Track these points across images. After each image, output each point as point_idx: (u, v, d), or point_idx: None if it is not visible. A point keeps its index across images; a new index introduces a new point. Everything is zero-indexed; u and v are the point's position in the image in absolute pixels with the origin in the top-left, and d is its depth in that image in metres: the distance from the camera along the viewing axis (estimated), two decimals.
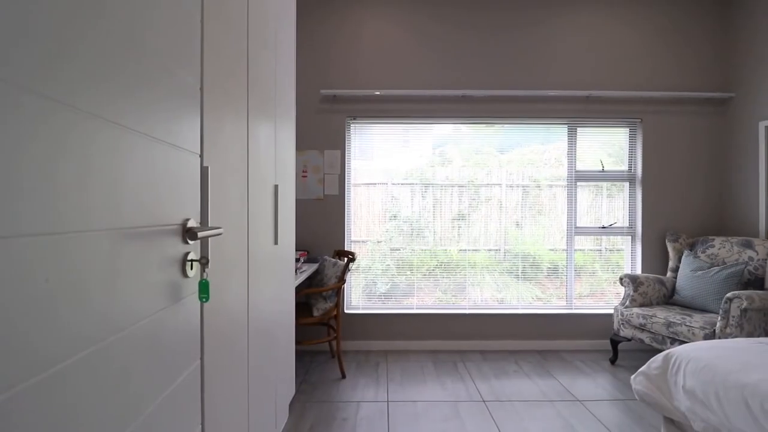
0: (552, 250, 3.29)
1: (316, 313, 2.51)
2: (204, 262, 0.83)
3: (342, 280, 2.54)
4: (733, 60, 3.16)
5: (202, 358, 1.06)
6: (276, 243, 1.73)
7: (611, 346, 2.87)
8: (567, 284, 3.25)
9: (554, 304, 3.27)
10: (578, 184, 3.26)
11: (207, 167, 1.07)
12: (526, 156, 3.30)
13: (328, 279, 2.62)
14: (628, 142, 3.26)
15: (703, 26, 3.20)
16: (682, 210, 3.19)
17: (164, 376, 0.76)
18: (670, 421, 1.43)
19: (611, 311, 3.11)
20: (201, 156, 1.05)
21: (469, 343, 3.16)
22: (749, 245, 2.67)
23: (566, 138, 3.24)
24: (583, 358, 2.96)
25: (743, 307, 2.23)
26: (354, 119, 3.18)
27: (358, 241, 3.26)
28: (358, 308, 3.21)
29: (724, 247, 2.79)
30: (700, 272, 2.68)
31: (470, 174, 3.28)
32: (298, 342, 2.48)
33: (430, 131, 3.27)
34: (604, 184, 3.29)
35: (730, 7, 3.19)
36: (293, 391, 2.08)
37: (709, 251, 2.84)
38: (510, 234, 3.29)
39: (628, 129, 3.25)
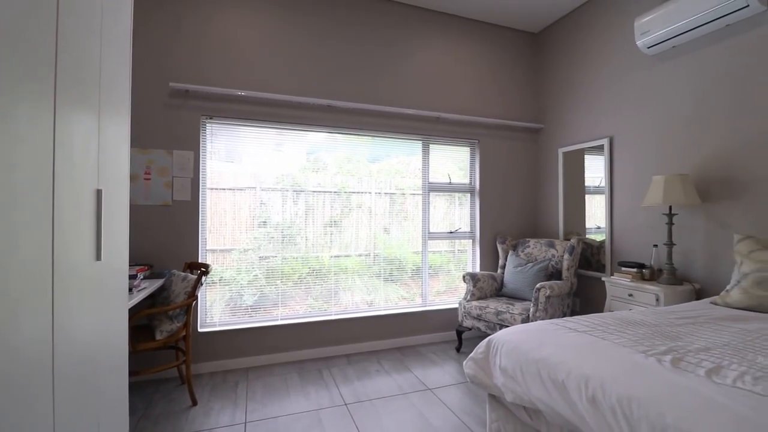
0: (415, 252, 3.60)
1: (159, 336, 2.20)
2: None
3: (193, 296, 2.29)
4: (542, 98, 3.99)
5: None
6: (99, 259, 1.45)
7: (457, 336, 3.28)
8: (422, 284, 3.59)
9: (416, 303, 3.57)
10: (431, 194, 3.64)
11: None
12: (393, 166, 3.54)
13: (175, 296, 2.33)
14: (469, 159, 3.80)
15: (524, 69, 3.96)
16: (508, 217, 3.86)
17: None
18: (492, 396, 1.70)
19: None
20: None
21: (335, 348, 3.20)
22: (552, 245, 3.39)
23: (421, 152, 3.60)
24: (435, 350, 3.30)
25: (547, 294, 2.81)
26: (210, 118, 2.92)
27: (221, 251, 2.99)
28: (215, 325, 2.93)
29: (536, 247, 3.47)
30: (519, 268, 3.27)
31: (342, 181, 3.35)
32: (135, 372, 2.14)
33: (302, 137, 3.22)
34: (456, 194, 3.75)
35: (543, 57, 4.01)
36: (127, 431, 1.77)
37: (526, 250, 3.50)
38: (379, 239, 3.47)
39: (469, 148, 3.79)
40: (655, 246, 2.77)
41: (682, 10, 2.50)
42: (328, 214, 3.32)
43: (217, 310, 2.97)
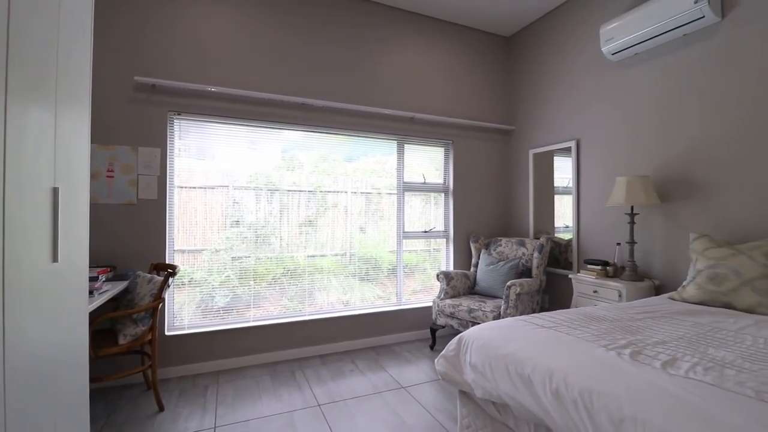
0: (391, 252, 3.61)
1: (122, 341, 2.11)
2: None
3: (159, 298, 2.21)
4: (513, 101, 4.08)
5: None
6: (55, 260, 1.38)
7: (431, 334, 3.32)
8: (397, 283, 3.61)
9: (392, 302, 3.58)
10: (407, 194, 3.67)
11: None
12: (370, 166, 3.55)
13: (140, 298, 2.24)
14: (443, 159, 3.85)
15: (496, 72, 4.05)
16: (481, 216, 3.94)
17: None
18: (463, 393, 1.73)
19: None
20: None
21: (309, 349, 3.17)
22: (522, 244, 3.48)
23: (396, 152, 3.61)
24: (410, 348, 3.32)
25: (518, 292, 2.88)
26: (179, 114, 2.83)
27: (191, 251, 2.91)
28: (184, 328, 2.85)
29: (507, 246, 3.55)
30: (491, 266, 3.34)
31: (317, 180, 3.32)
32: (97, 378, 2.05)
33: (277, 135, 3.18)
34: (432, 194, 3.79)
35: (514, 60, 4.11)
36: None
37: (498, 249, 3.58)
38: (355, 238, 3.46)
39: (443, 148, 3.84)
40: (618, 244, 2.89)
41: (643, 19, 2.62)
42: (304, 214, 3.28)
43: (187, 313, 2.88)
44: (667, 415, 0.97)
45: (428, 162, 3.79)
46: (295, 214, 3.25)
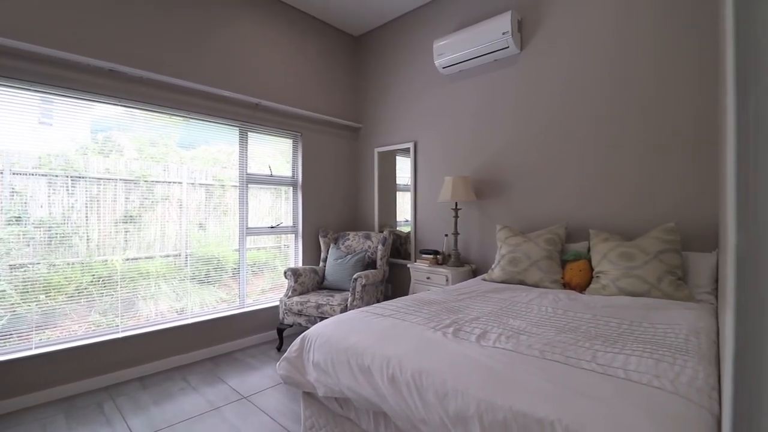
0: (236, 250, 3.27)
1: None
2: None
3: None
4: (360, 99, 4.22)
5: None
6: None
7: (278, 335, 3.16)
8: (240, 283, 3.31)
9: (235, 305, 3.26)
10: (251, 186, 3.39)
11: None
12: (212, 154, 3.13)
13: None
14: (292, 151, 3.71)
15: (344, 69, 4.10)
16: (330, 211, 3.96)
17: None
18: (307, 393, 1.67)
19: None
20: None
21: (125, 372, 2.61)
22: (369, 237, 3.64)
23: (238, 140, 3.30)
24: (254, 353, 3.09)
25: (363, 283, 2.99)
26: None
27: None
28: None
29: (355, 240, 3.66)
30: (340, 260, 3.39)
31: (142, 168, 2.75)
32: None
33: (86, 110, 2.53)
34: (282, 187, 3.60)
35: (361, 60, 4.24)
36: None
37: (347, 243, 3.66)
38: (192, 236, 3.01)
39: (292, 140, 3.70)
40: (446, 235, 3.30)
41: (465, 42, 3.03)
42: (122, 208, 2.69)
43: None
44: (479, 383, 1.11)
45: (276, 154, 3.59)
46: (110, 208, 2.64)
